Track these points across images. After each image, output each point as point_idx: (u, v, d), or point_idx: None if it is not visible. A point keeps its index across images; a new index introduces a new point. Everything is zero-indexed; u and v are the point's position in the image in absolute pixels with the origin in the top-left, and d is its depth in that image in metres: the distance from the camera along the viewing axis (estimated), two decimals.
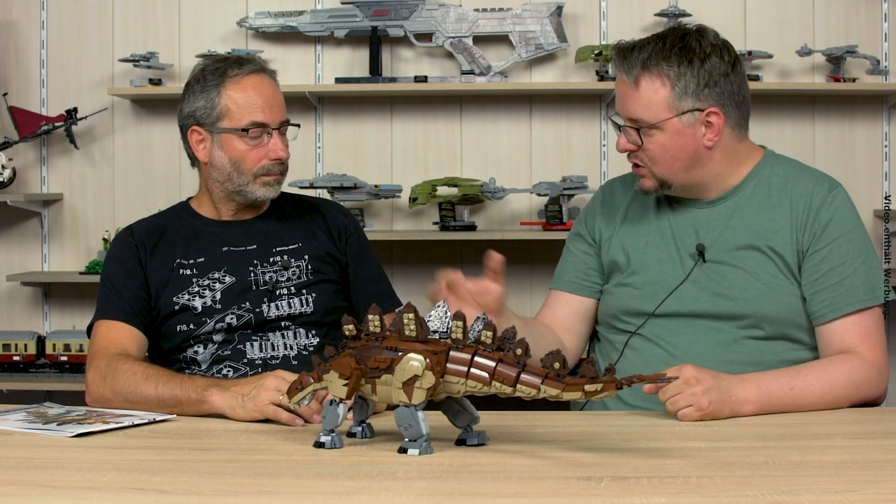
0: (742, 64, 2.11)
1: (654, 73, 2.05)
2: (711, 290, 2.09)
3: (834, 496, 1.35)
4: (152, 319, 2.24)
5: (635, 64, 2.06)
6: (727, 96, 2.06)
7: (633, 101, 2.07)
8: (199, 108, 2.25)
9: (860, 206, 3.73)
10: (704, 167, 2.10)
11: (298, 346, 2.23)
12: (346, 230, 2.38)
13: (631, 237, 2.19)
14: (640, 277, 2.15)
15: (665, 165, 2.08)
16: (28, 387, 3.79)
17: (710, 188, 2.14)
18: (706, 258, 2.11)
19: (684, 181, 2.11)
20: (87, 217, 4.00)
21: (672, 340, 2.10)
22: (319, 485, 1.45)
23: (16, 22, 3.96)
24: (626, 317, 2.16)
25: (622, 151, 2.12)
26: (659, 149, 2.07)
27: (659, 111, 2.05)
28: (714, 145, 2.07)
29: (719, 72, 2.05)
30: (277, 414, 1.85)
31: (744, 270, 2.08)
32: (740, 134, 2.12)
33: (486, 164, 3.94)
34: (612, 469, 1.51)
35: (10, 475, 1.49)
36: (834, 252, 2.06)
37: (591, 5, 3.91)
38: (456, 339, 1.60)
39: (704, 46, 2.06)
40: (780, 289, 2.07)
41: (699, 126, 2.06)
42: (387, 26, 3.84)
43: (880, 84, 3.79)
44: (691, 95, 2.04)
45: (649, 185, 2.12)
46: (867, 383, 2.01)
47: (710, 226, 2.13)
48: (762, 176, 2.14)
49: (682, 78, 2.04)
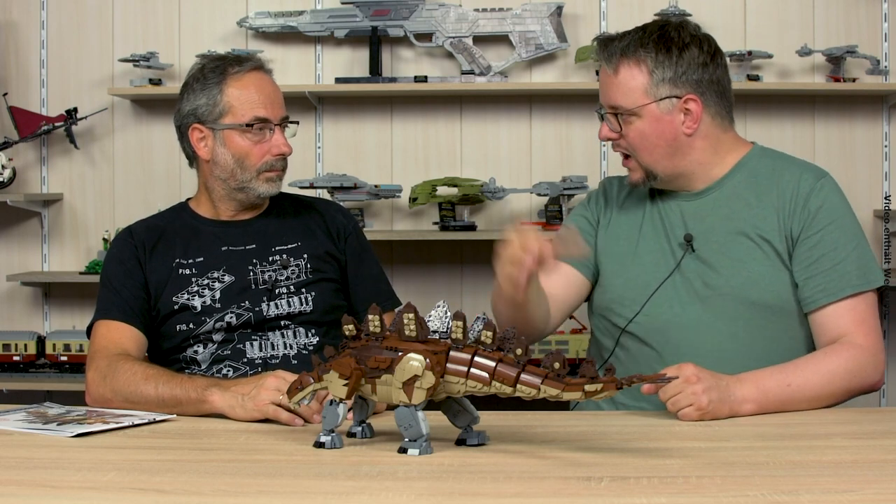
0: (724, 57, 2.14)
1: (633, 60, 2.09)
2: (701, 280, 2.10)
3: (834, 496, 1.35)
4: (152, 319, 2.24)
5: (615, 52, 2.11)
6: (706, 84, 2.10)
7: (612, 88, 2.11)
8: (201, 106, 2.25)
9: (860, 206, 3.78)
10: (686, 155, 2.12)
11: (298, 345, 2.23)
12: (345, 230, 2.38)
13: (625, 226, 2.21)
14: (632, 268, 2.17)
15: (646, 153, 2.11)
16: (28, 387, 3.79)
17: (696, 178, 2.16)
18: (694, 248, 2.12)
19: (668, 170, 2.13)
20: (87, 217, 4.00)
21: (665, 334, 2.10)
22: (319, 485, 1.45)
23: (16, 22, 3.96)
24: (619, 308, 2.17)
25: (604, 140, 2.17)
26: (638, 135, 2.10)
27: (637, 97, 2.09)
28: (693, 133, 2.10)
29: (698, 61, 2.09)
30: (277, 414, 1.85)
31: (732, 259, 2.10)
32: (723, 124, 2.14)
33: (486, 164, 3.94)
34: (612, 469, 1.51)
35: (10, 475, 1.49)
36: (826, 238, 2.07)
37: (591, 5, 3.91)
38: (456, 339, 1.60)
39: (683, 36, 2.10)
40: (769, 276, 2.08)
41: (677, 113, 2.09)
42: (387, 26, 3.84)
43: (880, 84, 3.78)
44: (668, 82, 2.08)
45: (637, 178, 2.15)
46: (863, 370, 2.01)
47: (698, 215, 2.15)
48: (749, 167, 2.16)
49: (660, 65, 2.08)
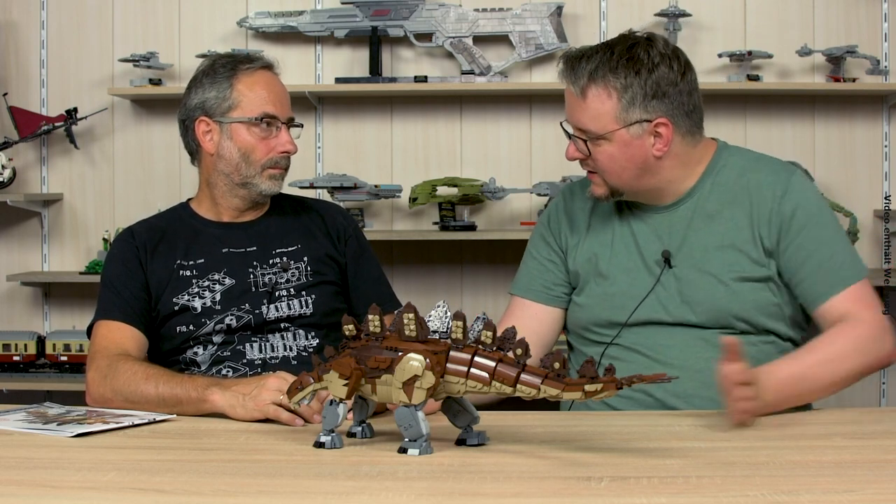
0: (693, 71, 2.08)
1: (601, 84, 2.02)
2: (679, 298, 2.08)
3: (834, 496, 1.35)
4: (152, 320, 2.24)
5: (582, 74, 2.03)
6: (676, 106, 2.03)
7: (580, 111, 2.04)
8: (210, 99, 2.26)
9: (860, 206, 3.80)
10: (655, 175, 2.08)
11: (298, 347, 2.23)
12: (345, 232, 2.38)
13: (596, 246, 2.17)
14: (608, 288, 2.13)
15: (615, 175, 2.06)
16: (28, 387, 3.79)
17: (665, 194, 2.12)
18: (672, 264, 2.09)
19: (635, 188, 2.09)
20: (87, 217, 4.00)
21: (652, 346, 2.09)
22: (319, 485, 1.45)
23: (16, 22, 3.96)
24: (597, 328, 2.15)
25: (571, 160, 2.10)
26: (607, 159, 2.05)
27: (606, 123, 2.02)
28: (664, 155, 2.05)
29: (668, 81, 2.02)
30: (278, 414, 1.86)
31: (709, 274, 2.06)
32: (693, 140, 2.09)
33: (486, 164, 3.94)
34: (612, 469, 1.51)
35: (10, 475, 1.49)
36: (808, 238, 2.04)
37: (591, 5, 3.91)
38: (456, 339, 1.60)
39: (653, 56, 2.03)
40: (747, 287, 2.05)
41: (647, 136, 2.03)
42: (387, 26, 3.84)
43: (880, 84, 3.78)
44: (639, 107, 2.01)
45: (600, 192, 2.10)
46: (873, 345, 1.98)
47: (672, 230, 2.11)
48: (716, 172, 2.12)
49: (630, 89, 2.01)
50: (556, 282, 2.21)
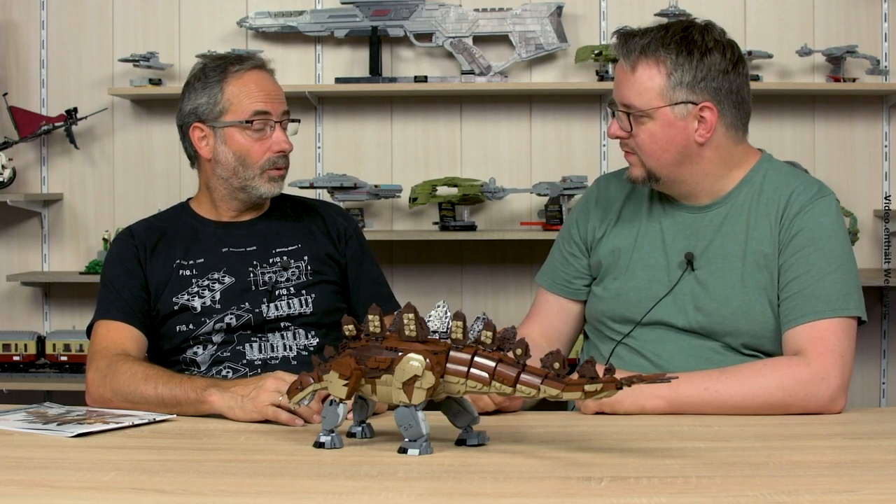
0: (746, 66, 2.07)
1: (652, 59, 2.02)
2: (693, 304, 2.07)
3: (834, 496, 1.35)
4: (152, 320, 2.24)
5: (634, 48, 2.04)
6: (724, 93, 2.03)
7: (628, 86, 2.05)
8: (202, 105, 2.25)
9: (860, 206, 3.80)
10: (694, 164, 2.06)
11: (297, 346, 2.23)
12: (345, 232, 2.38)
13: (622, 238, 2.17)
14: (626, 282, 2.13)
15: (654, 156, 2.05)
16: (28, 387, 3.79)
17: (702, 191, 2.10)
18: (694, 267, 2.08)
19: (673, 176, 2.08)
20: (87, 217, 4.00)
21: (656, 350, 2.09)
22: (319, 485, 1.45)
23: (16, 22, 3.96)
24: (612, 322, 2.15)
25: (613, 137, 2.10)
26: (649, 138, 2.04)
27: (651, 98, 2.03)
28: (706, 142, 2.04)
29: (719, 68, 2.02)
30: (277, 415, 1.85)
31: (727, 283, 2.05)
32: (736, 136, 2.08)
33: (486, 164, 3.94)
34: (612, 469, 1.51)
35: (10, 475, 1.49)
36: (801, 261, 2.00)
37: (591, 5, 3.91)
38: (456, 339, 1.60)
39: (707, 41, 2.03)
40: (760, 303, 2.03)
41: (691, 120, 2.03)
42: (387, 26, 3.84)
43: (880, 84, 3.78)
44: (686, 87, 2.02)
45: (637, 174, 2.09)
46: (801, 390, 1.90)
47: (701, 233, 2.10)
48: (755, 182, 2.10)
49: (679, 68, 2.01)
50: (576, 275, 2.23)
